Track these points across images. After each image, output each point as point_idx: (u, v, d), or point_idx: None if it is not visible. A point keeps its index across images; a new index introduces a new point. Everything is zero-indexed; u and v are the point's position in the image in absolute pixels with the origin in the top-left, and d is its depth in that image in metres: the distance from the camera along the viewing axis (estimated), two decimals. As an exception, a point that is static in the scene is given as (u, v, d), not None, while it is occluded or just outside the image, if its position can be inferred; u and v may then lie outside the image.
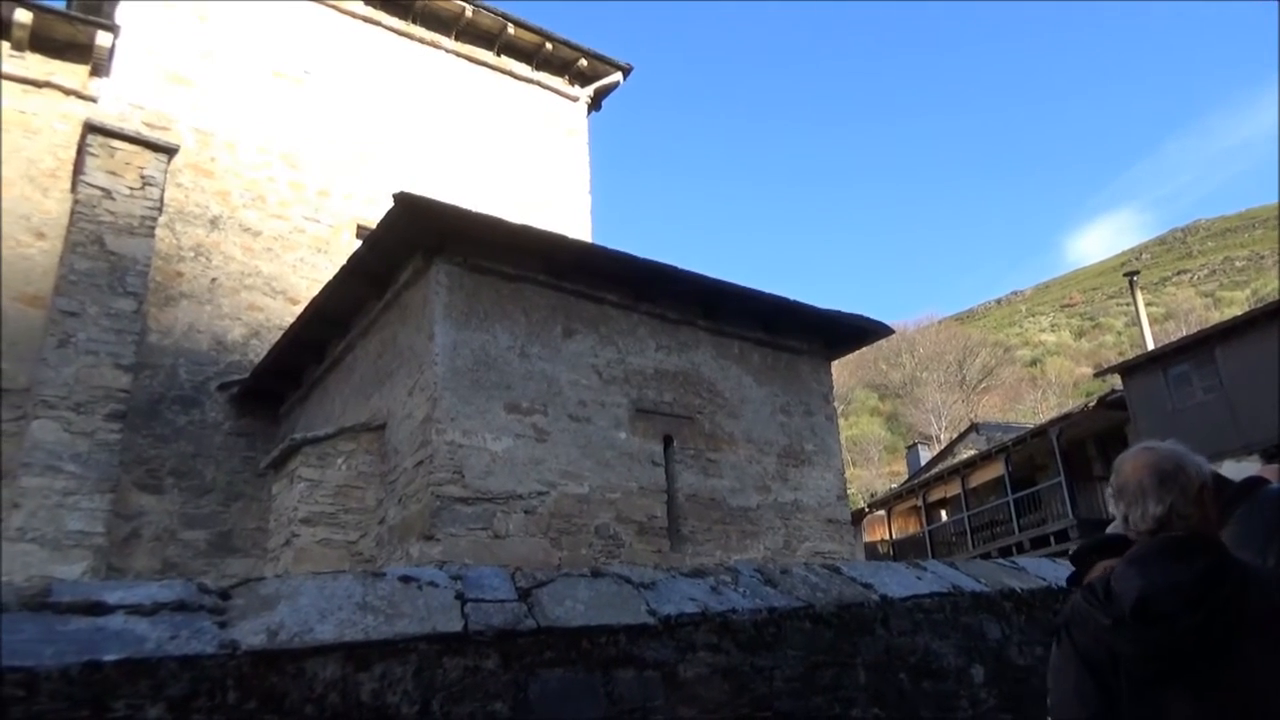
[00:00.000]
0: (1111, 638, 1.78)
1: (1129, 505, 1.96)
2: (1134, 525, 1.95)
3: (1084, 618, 1.86)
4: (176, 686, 2.59)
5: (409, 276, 8.52)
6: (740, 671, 3.73)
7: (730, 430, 9.54)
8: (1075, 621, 1.87)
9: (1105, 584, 1.88)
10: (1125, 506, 1.96)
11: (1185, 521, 1.91)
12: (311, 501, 7.79)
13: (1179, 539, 1.96)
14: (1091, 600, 1.87)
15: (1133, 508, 1.95)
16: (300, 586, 3.14)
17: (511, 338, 8.32)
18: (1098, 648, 1.80)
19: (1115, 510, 2.01)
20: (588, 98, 16.56)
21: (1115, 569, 1.91)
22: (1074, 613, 1.90)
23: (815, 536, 9.68)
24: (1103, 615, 1.82)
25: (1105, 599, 1.84)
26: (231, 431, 11.52)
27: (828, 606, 4.19)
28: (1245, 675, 1.76)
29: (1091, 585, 1.91)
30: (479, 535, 7.36)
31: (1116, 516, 2.02)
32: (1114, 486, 2.03)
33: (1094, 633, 1.82)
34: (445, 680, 3.04)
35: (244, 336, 11.94)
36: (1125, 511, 1.96)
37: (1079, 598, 1.91)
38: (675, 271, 9.17)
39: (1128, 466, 2.01)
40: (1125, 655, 1.77)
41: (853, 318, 10.64)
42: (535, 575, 3.64)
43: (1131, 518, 1.95)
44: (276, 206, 12.82)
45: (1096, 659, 1.79)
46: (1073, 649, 1.83)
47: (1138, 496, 1.95)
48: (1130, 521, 1.95)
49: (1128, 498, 1.96)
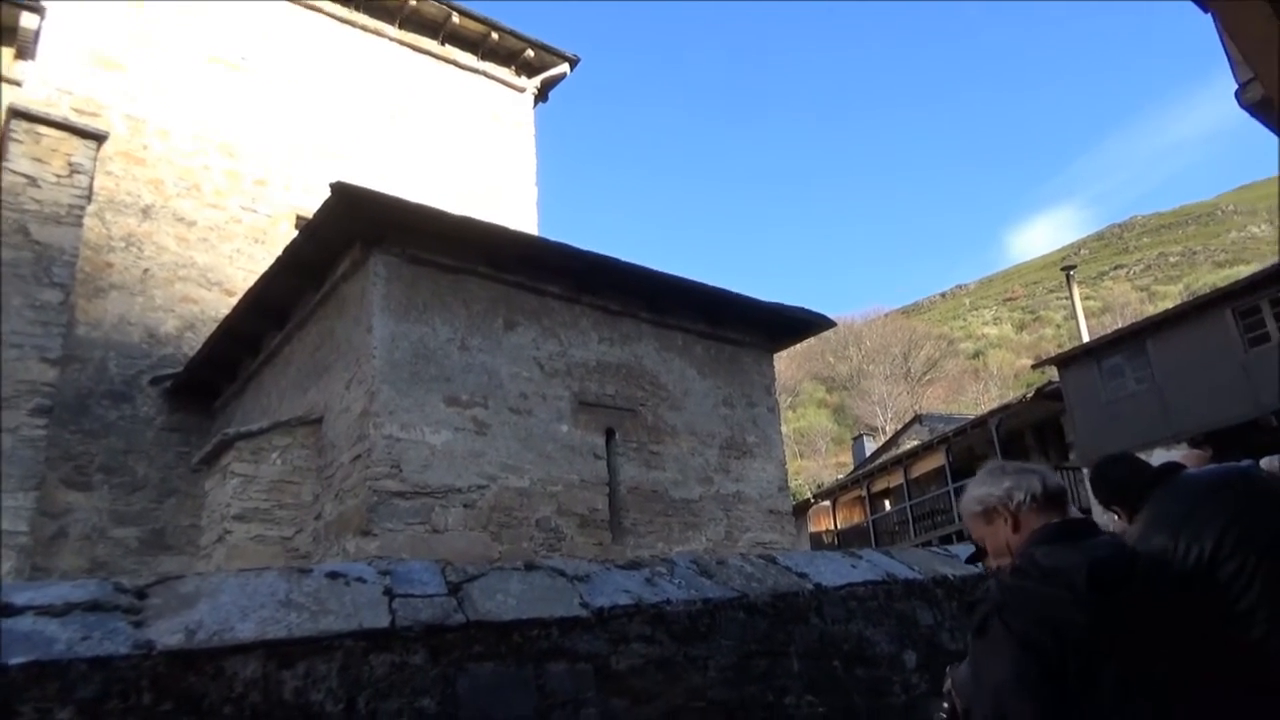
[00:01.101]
0: (1069, 611, 1.73)
1: (1019, 480, 2.06)
2: (1029, 493, 2.03)
3: (1025, 597, 1.78)
4: (87, 689, 2.52)
5: (347, 268, 8.39)
6: (674, 662, 3.74)
7: (673, 422, 9.57)
8: (1010, 604, 1.78)
9: (1033, 562, 1.84)
10: (1012, 484, 2.06)
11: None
12: (245, 497, 7.63)
13: (1082, 519, 2.04)
14: (1033, 577, 1.80)
15: (1025, 482, 2.05)
16: (221, 584, 3.07)
17: (451, 330, 8.24)
18: (1040, 629, 1.71)
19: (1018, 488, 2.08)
20: (534, 89, 16.44)
21: (1030, 549, 1.89)
22: (1008, 595, 1.80)
23: (757, 527, 9.76)
24: (1056, 589, 1.76)
25: (1047, 577, 1.78)
26: (164, 426, 11.25)
27: (762, 596, 4.22)
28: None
29: (1021, 566, 1.85)
30: (417, 530, 7.28)
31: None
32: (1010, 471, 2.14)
33: (1039, 612, 1.74)
34: (371, 677, 3.00)
35: (178, 329, 11.65)
36: (1011, 487, 2.05)
37: (1011, 579, 1.84)
38: (618, 264, 9.16)
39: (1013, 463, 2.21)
40: (1079, 629, 1.72)
41: (795, 310, 10.74)
42: (467, 569, 3.61)
43: (1028, 490, 2.04)
44: (212, 196, 12.52)
45: (1038, 641, 1.70)
46: (1007, 633, 1.73)
47: (1024, 474, 2.07)
48: (1028, 492, 2.03)
49: (1015, 474, 2.09)
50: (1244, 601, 2.34)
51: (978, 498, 2.07)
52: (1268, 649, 2.28)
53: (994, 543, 2.06)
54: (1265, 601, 2.32)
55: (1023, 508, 1.99)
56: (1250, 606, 2.33)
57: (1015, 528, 1.99)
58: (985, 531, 2.08)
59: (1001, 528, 2.02)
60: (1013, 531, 2.00)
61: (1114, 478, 2.80)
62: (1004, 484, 2.02)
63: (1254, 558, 2.35)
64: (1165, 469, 2.76)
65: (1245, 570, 2.35)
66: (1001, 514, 2.02)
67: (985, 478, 2.09)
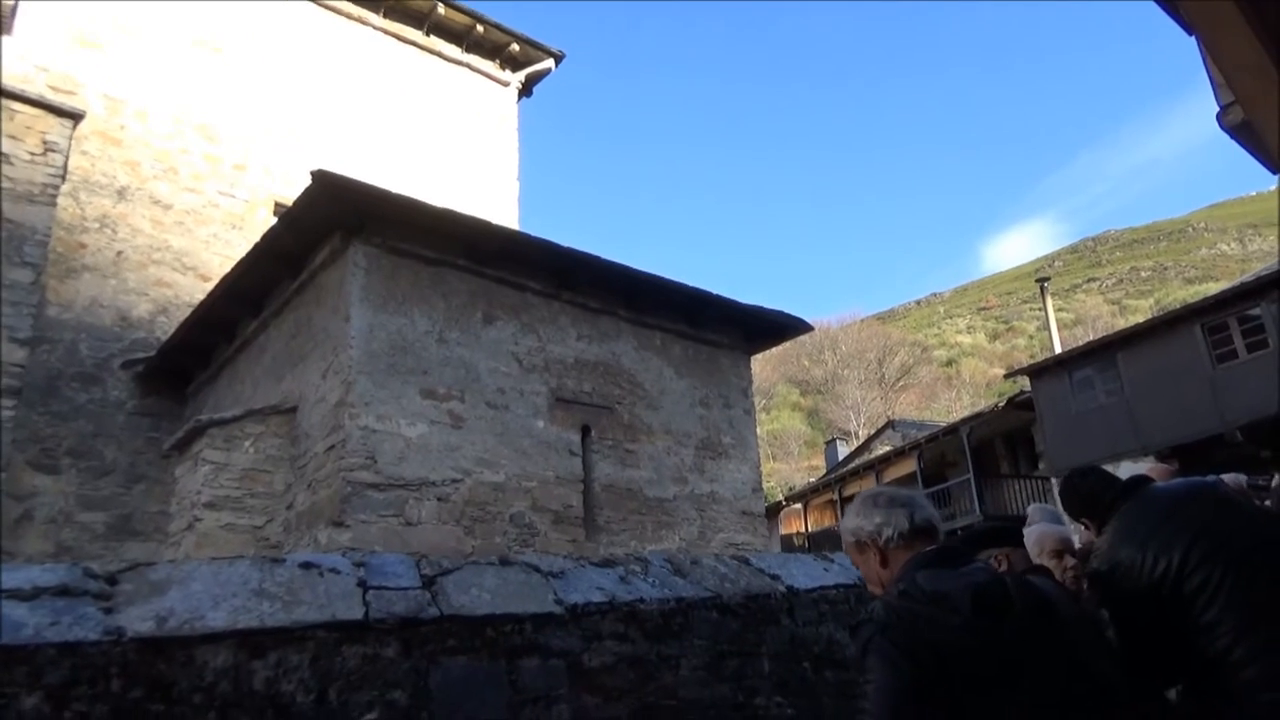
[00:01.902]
0: (956, 635, 1.75)
1: (888, 516, 2.07)
2: (897, 531, 2.04)
3: (911, 620, 1.78)
4: (55, 674, 2.50)
5: (326, 257, 8.33)
6: (646, 660, 3.76)
7: (649, 421, 9.58)
8: (896, 625, 1.78)
9: (917, 586, 1.85)
10: (882, 520, 2.07)
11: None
12: (216, 485, 7.56)
13: (957, 546, 2.11)
14: (918, 600, 1.82)
15: (894, 518, 2.06)
16: (193, 572, 3.05)
17: (430, 323, 8.20)
18: (923, 651, 1.73)
19: (872, 520, 2.09)
20: (519, 83, 16.38)
21: (911, 573, 1.91)
22: (894, 617, 1.80)
23: (730, 528, 9.80)
24: (944, 613, 1.78)
25: (933, 601, 1.80)
26: (135, 411, 11.11)
27: (735, 597, 4.24)
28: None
29: (906, 589, 1.86)
30: (390, 522, 7.25)
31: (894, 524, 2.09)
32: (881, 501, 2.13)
33: (923, 634, 1.75)
34: (344, 668, 2.99)
35: (151, 313, 11.51)
36: (881, 524, 2.06)
37: (900, 602, 1.84)
38: (599, 261, 9.15)
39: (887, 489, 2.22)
40: (963, 653, 1.74)
41: (773, 313, 10.78)
42: (441, 563, 3.60)
43: (895, 527, 2.05)
44: (190, 179, 12.37)
45: (921, 663, 1.73)
46: (891, 654, 1.75)
47: (894, 507, 2.08)
48: (895, 530, 2.04)
49: (885, 508, 2.09)
50: (1209, 614, 2.38)
51: (850, 529, 2.11)
52: (1231, 660, 2.33)
53: (866, 572, 2.11)
54: (1230, 614, 2.36)
55: (890, 544, 2.02)
56: (1215, 619, 2.37)
57: (883, 562, 2.03)
58: (858, 560, 2.13)
59: (872, 559, 2.06)
60: (881, 566, 2.04)
61: (1083, 490, 2.84)
62: (874, 519, 2.05)
63: (1220, 571, 2.40)
64: (1133, 482, 2.80)
65: (1211, 583, 2.40)
66: (870, 547, 2.06)
67: (860, 508, 2.12)
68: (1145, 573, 2.47)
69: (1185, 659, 2.46)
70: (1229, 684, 2.34)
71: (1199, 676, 2.46)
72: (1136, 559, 2.50)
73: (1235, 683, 2.32)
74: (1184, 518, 2.54)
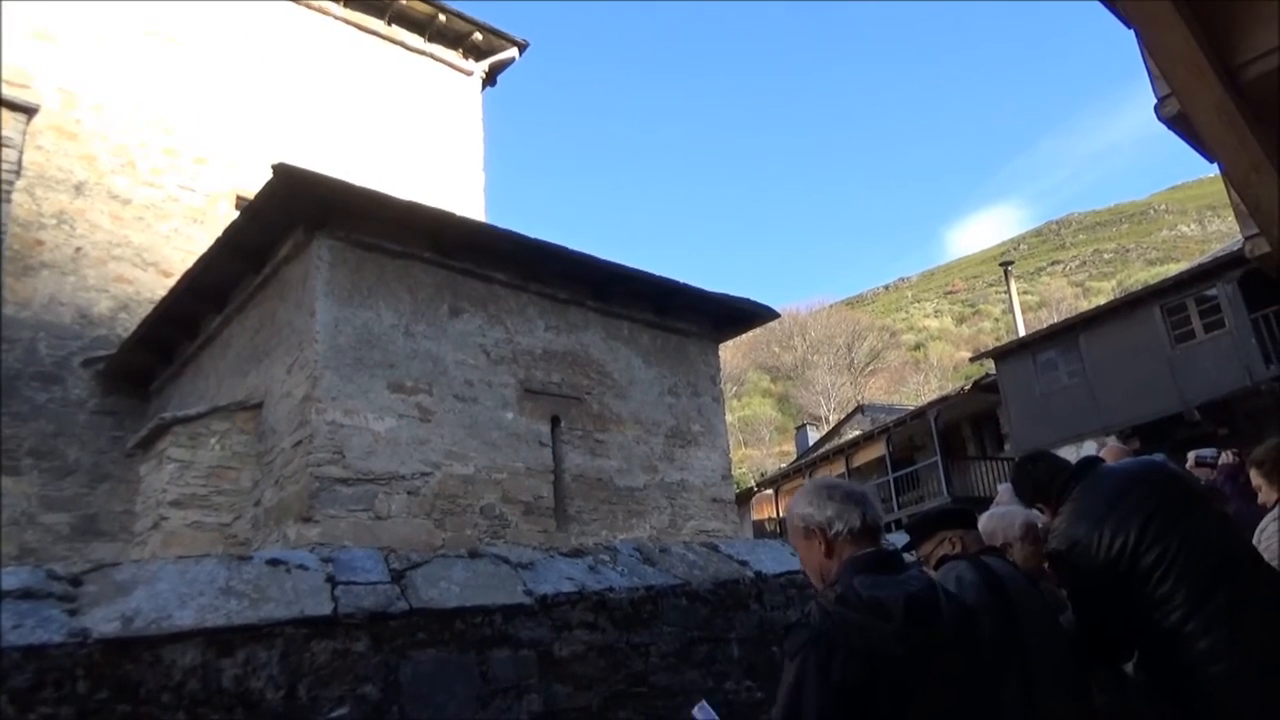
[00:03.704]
0: (887, 644, 1.77)
1: (841, 510, 2.08)
2: (848, 527, 2.05)
3: (846, 627, 1.78)
4: (20, 677, 2.48)
5: (289, 251, 8.25)
6: (616, 648, 3.79)
7: (618, 411, 9.61)
8: (830, 633, 1.78)
9: (854, 591, 1.87)
10: (834, 514, 2.08)
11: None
12: (182, 483, 7.49)
13: (893, 551, 2.13)
14: (855, 608, 1.83)
15: (847, 514, 2.07)
16: (159, 571, 3.03)
17: (396, 316, 8.16)
18: (856, 660, 1.74)
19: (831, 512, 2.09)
20: (482, 73, 16.26)
21: (850, 577, 1.93)
22: (830, 623, 1.80)
23: (700, 515, 9.86)
24: (875, 620, 1.80)
25: (868, 608, 1.82)
26: (97, 410, 10.95)
27: (704, 584, 4.28)
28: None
29: (843, 595, 1.87)
30: (360, 517, 7.23)
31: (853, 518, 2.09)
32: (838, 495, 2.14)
33: (856, 643, 1.77)
34: (313, 664, 2.99)
35: (111, 310, 11.34)
36: (833, 517, 2.07)
37: (836, 608, 1.84)
38: (565, 252, 9.15)
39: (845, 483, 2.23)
40: (894, 661, 1.76)
41: (741, 301, 10.83)
42: (410, 557, 3.61)
43: (847, 523, 2.06)
44: (149, 174, 12.19)
45: (852, 673, 1.73)
46: (824, 662, 1.74)
47: (848, 503, 2.09)
48: (847, 525, 2.05)
49: (840, 502, 2.10)
50: (1163, 587, 2.47)
51: (801, 515, 2.11)
52: (1185, 632, 2.42)
53: (808, 560, 2.13)
54: (1182, 588, 2.45)
55: (839, 537, 2.04)
56: (1169, 592, 2.46)
57: (829, 554, 2.05)
58: (802, 546, 2.14)
59: (816, 549, 2.08)
60: (825, 556, 2.06)
61: (1035, 476, 2.91)
62: (827, 511, 2.07)
63: (1175, 546, 2.49)
64: (1084, 464, 2.88)
65: (1165, 559, 2.48)
66: (818, 537, 2.07)
67: (813, 497, 2.13)
68: (1103, 549, 2.55)
69: (1140, 632, 2.54)
70: (1183, 656, 2.42)
71: (1154, 649, 2.54)
72: (1094, 536, 2.57)
73: (1189, 654, 2.41)
74: (1138, 495, 2.62)
